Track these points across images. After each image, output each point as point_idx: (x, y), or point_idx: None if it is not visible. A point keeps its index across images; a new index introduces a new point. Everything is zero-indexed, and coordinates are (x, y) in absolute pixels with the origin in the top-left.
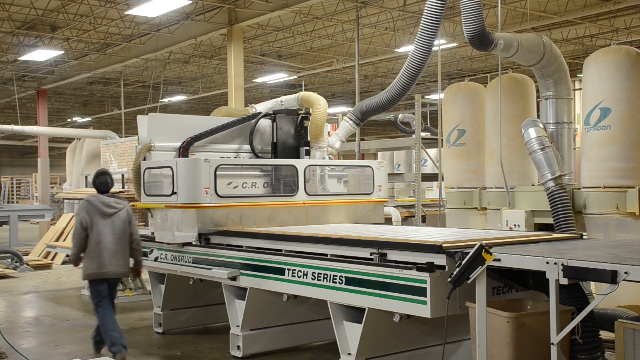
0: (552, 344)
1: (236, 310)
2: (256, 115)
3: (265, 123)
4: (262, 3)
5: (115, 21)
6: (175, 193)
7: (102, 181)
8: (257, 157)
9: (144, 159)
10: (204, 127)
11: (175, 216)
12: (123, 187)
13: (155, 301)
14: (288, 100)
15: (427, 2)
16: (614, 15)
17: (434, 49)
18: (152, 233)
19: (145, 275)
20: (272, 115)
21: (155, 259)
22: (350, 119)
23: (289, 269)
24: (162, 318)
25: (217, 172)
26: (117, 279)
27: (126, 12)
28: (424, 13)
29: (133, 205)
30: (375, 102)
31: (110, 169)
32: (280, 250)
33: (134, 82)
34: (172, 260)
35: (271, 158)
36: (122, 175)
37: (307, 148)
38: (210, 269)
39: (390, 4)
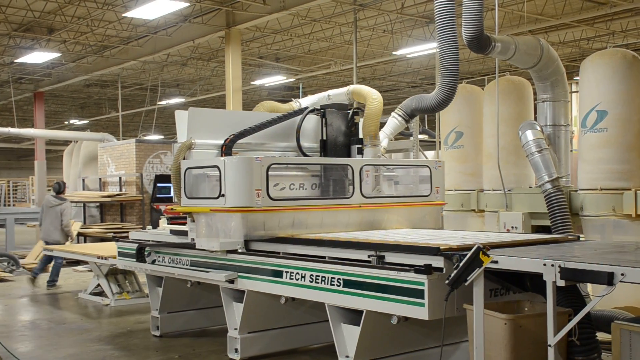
0: (550, 345)
1: (234, 313)
2: (303, 111)
3: (312, 119)
4: (260, 5)
5: (112, 23)
6: (223, 195)
7: None
8: (305, 155)
9: (184, 158)
10: (247, 123)
11: (223, 221)
12: (121, 190)
13: (153, 304)
14: (337, 94)
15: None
16: (610, 19)
17: (431, 51)
18: (192, 239)
19: (142, 278)
20: (321, 111)
21: (153, 262)
22: (399, 115)
23: (286, 272)
24: (159, 321)
25: (269, 173)
26: None
27: (124, 15)
28: (435, 8)
29: (172, 209)
30: (426, 104)
31: (108, 172)
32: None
33: (131, 85)
34: (169, 262)
35: (320, 157)
36: (120, 178)
37: (360, 146)
38: (207, 271)
39: (387, 7)
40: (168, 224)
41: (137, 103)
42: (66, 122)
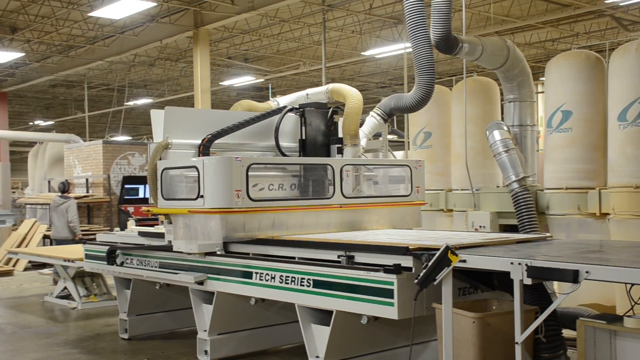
0: (517, 343)
1: (203, 315)
2: (281, 110)
3: (290, 118)
4: (228, 6)
5: (78, 23)
6: (202, 196)
7: None
8: (284, 155)
9: (160, 159)
10: (225, 123)
11: (201, 222)
12: (87, 192)
13: (121, 307)
14: (316, 93)
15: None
16: (574, 20)
17: (400, 52)
18: (170, 242)
19: (110, 281)
20: (300, 110)
21: (121, 264)
22: (378, 115)
23: (256, 273)
24: (127, 324)
25: (249, 173)
26: None
27: (89, 14)
28: (405, 10)
29: (148, 211)
30: (405, 104)
31: (74, 173)
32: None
33: (98, 85)
34: (138, 264)
35: (299, 157)
36: (87, 180)
37: (339, 146)
38: (177, 273)
39: (356, 7)
40: (136, 225)
41: (104, 104)
42: (31, 123)
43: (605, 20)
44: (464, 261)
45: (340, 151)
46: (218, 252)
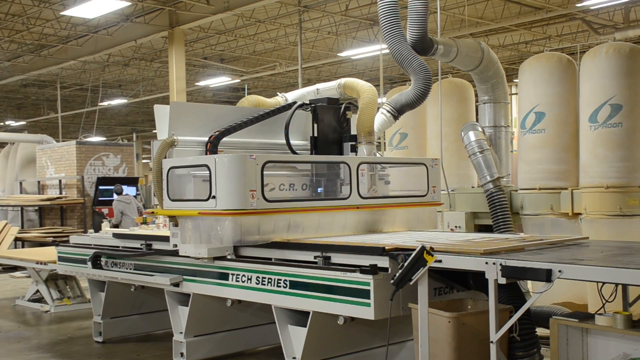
0: (492, 342)
1: (179, 317)
2: (291, 106)
3: (299, 115)
4: (203, 6)
5: (50, 22)
6: (214, 197)
7: None
8: (294, 153)
9: (165, 157)
10: (232, 119)
11: (213, 225)
12: (61, 193)
13: (95, 309)
14: (327, 88)
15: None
16: (546, 23)
17: (375, 53)
18: (175, 245)
19: (84, 283)
20: (312, 106)
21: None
22: (388, 112)
23: (232, 274)
24: (102, 327)
25: (264, 172)
26: None
27: (62, 13)
28: (379, 12)
29: (152, 213)
30: (411, 99)
31: (47, 175)
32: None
33: (71, 85)
34: (112, 266)
35: (311, 154)
36: (60, 181)
37: (353, 143)
38: (152, 275)
39: (332, 9)
40: (110, 227)
41: (77, 104)
42: (2, 124)
43: (576, 23)
44: (440, 261)
45: (353, 149)
46: (228, 257)
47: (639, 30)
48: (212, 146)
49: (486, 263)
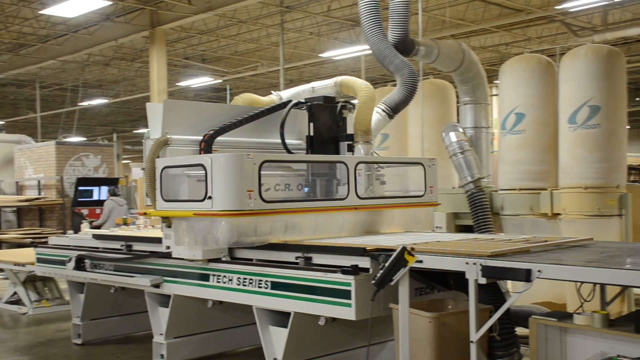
0: (472, 341)
1: (159, 318)
2: (286, 104)
3: (295, 113)
4: (185, 6)
5: (29, 20)
6: (210, 197)
7: None
8: (290, 153)
9: (158, 156)
10: (227, 117)
11: (209, 226)
12: (39, 194)
13: (74, 311)
14: (322, 87)
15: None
16: (526, 25)
17: (357, 54)
18: (168, 247)
19: (63, 285)
20: (307, 104)
21: (74, 268)
22: (383, 111)
23: (213, 275)
24: (81, 329)
25: (261, 172)
26: None
27: (40, 12)
28: (360, 12)
29: (145, 214)
30: (404, 95)
31: (25, 175)
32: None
33: (50, 85)
34: (92, 268)
35: (307, 154)
36: (39, 182)
37: (350, 143)
38: (132, 276)
39: (314, 9)
40: (90, 228)
41: (56, 104)
42: None
43: (555, 25)
44: (421, 261)
45: (350, 148)
46: (223, 259)
47: (617, 33)
48: (206, 145)
49: (466, 263)
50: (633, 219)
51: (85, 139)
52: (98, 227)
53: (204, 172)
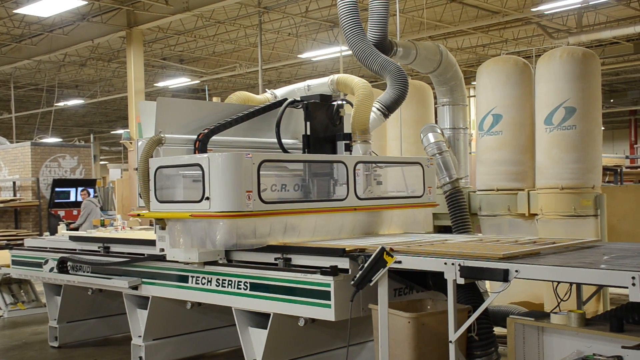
0: (450, 341)
1: (138, 320)
2: (282, 102)
3: (290, 112)
4: (162, 6)
5: (3, 20)
6: (208, 198)
7: None
8: (285, 152)
9: (152, 156)
10: (222, 115)
11: (205, 228)
12: (15, 195)
13: (51, 314)
14: (318, 85)
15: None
16: (503, 27)
17: (335, 55)
18: (162, 250)
19: (39, 287)
20: (304, 103)
21: (51, 270)
22: (378, 109)
23: (192, 276)
24: (58, 331)
25: (260, 171)
26: None
27: (15, 11)
28: (340, 13)
29: (139, 215)
30: (399, 92)
31: (0, 177)
32: None
33: (25, 85)
34: (74, 271)
35: (303, 154)
36: (14, 183)
37: (348, 142)
38: (110, 278)
39: (292, 10)
40: (68, 229)
41: (32, 104)
42: None
43: (531, 27)
44: (399, 262)
45: (348, 148)
46: (220, 262)
47: (592, 35)
48: (200, 144)
49: (445, 264)
50: (608, 219)
51: (61, 140)
52: (76, 229)
53: (199, 172)
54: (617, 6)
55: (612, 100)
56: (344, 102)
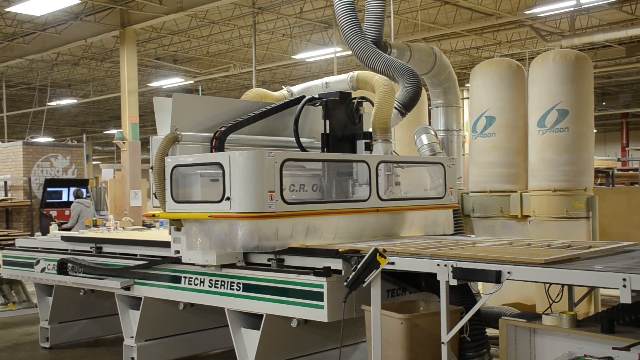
0: (443, 343)
1: (130, 321)
2: (300, 100)
3: (306, 110)
4: (156, 5)
5: None
6: (229, 198)
7: None
8: (304, 151)
9: (167, 154)
10: (239, 113)
11: (227, 229)
12: (6, 195)
13: (42, 314)
14: (337, 82)
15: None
16: (496, 29)
17: (330, 56)
18: (177, 252)
19: (31, 288)
20: (323, 100)
21: (42, 270)
22: (396, 108)
23: (185, 277)
24: (49, 332)
25: (282, 171)
26: None
27: (7, 9)
28: (337, 14)
29: (154, 216)
30: (413, 92)
31: None
32: None
33: (17, 84)
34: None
35: (324, 152)
36: (5, 183)
37: (368, 141)
38: (102, 278)
39: (286, 11)
40: (59, 230)
41: (24, 103)
42: None
43: (525, 30)
44: (392, 263)
45: (368, 147)
46: (238, 264)
47: (584, 38)
48: (218, 142)
49: (438, 265)
50: (600, 221)
51: (53, 139)
52: (68, 230)
53: (217, 171)
54: (610, 10)
55: (604, 103)
56: (364, 100)
